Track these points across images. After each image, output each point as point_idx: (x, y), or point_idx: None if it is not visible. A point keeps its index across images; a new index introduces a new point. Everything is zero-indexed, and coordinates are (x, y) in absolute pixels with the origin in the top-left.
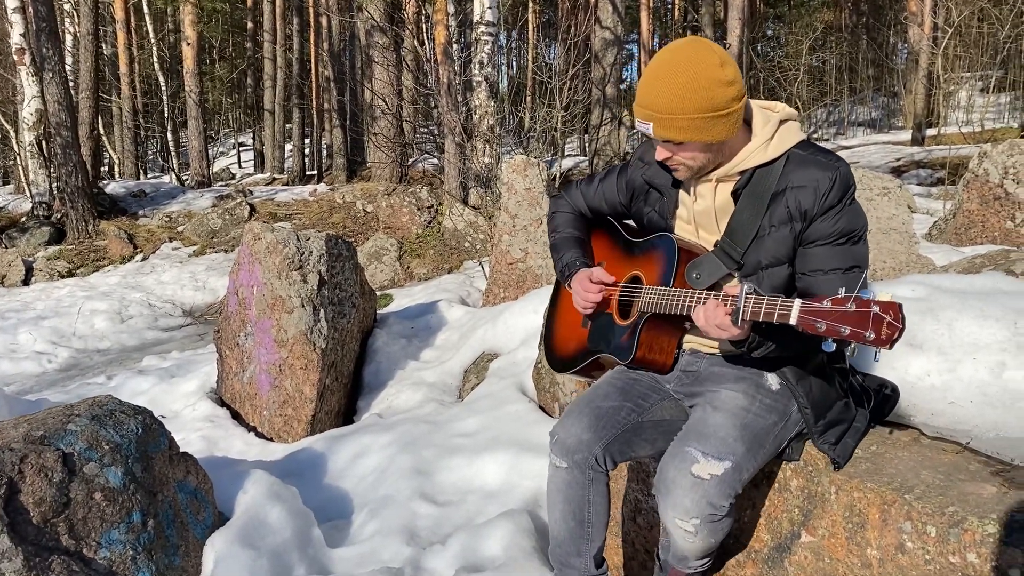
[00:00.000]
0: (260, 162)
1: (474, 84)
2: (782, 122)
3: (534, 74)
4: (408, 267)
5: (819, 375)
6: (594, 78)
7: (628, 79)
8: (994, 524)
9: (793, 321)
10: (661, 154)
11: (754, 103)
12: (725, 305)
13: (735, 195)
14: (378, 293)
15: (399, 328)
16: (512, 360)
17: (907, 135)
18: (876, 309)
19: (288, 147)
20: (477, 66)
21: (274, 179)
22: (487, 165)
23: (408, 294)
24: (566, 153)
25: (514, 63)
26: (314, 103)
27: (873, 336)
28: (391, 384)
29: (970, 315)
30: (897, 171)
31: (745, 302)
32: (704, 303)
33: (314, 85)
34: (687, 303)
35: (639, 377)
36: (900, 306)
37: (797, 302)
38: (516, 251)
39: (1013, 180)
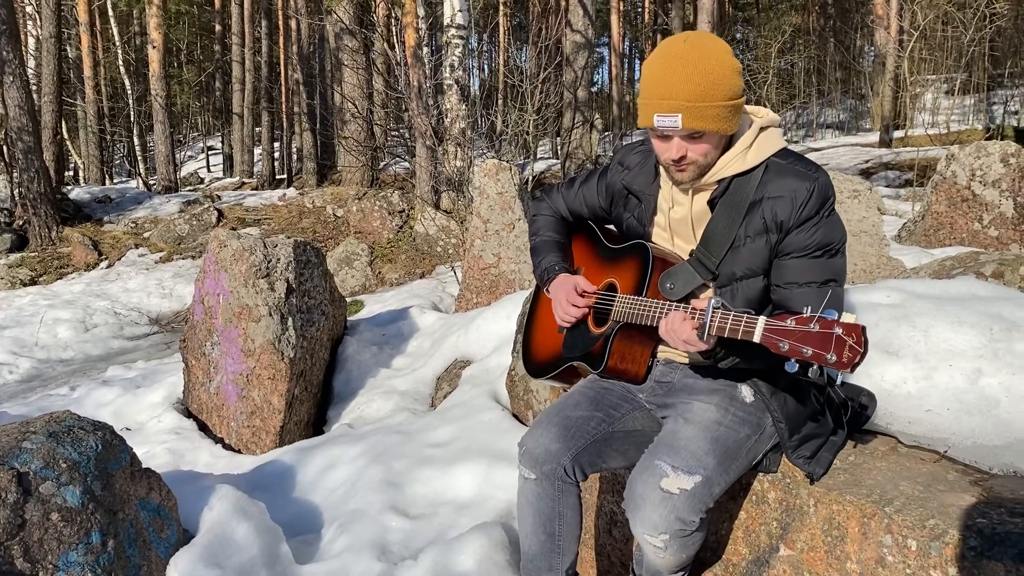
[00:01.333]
0: (229, 166)
1: (445, 87)
2: (762, 129)
3: (505, 77)
4: (380, 272)
5: (794, 388)
6: (565, 81)
7: (599, 82)
8: (975, 538)
9: (757, 339)
10: (676, 151)
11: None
12: (692, 319)
13: (712, 204)
14: (349, 299)
15: (370, 335)
16: (485, 367)
17: (875, 137)
18: (839, 331)
19: (257, 151)
20: (448, 69)
21: (243, 183)
22: (459, 169)
23: (379, 300)
24: (538, 156)
25: (485, 66)
26: (283, 106)
27: (834, 359)
28: (362, 393)
29: (946, 321)
30: (866, 173)
31: (712, 316)
32: (668, 315)
33: (283, 88)
34: (658, 314)
35: (611, 387)
36: (863, 329)
37: (762, 320)
38: (489, 256)
39: (980, 182)
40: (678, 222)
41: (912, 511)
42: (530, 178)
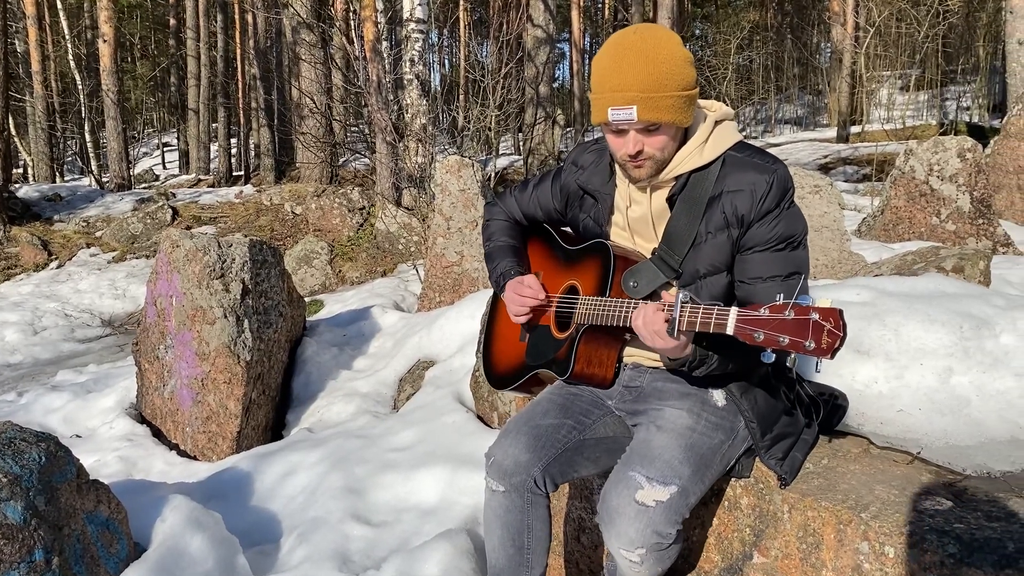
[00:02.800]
0: (185, 163)
1: (405, 82)
2: (717, 123)
3: (466, 72)
4: (340, 271)
5: (764, 386)
6: (527, 77)
7: (560, 78)
8: (954, 544)
9: (730, 330)
10: (633, 146)
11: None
12: (663, 311)
13: (671, 201)
14: (308, 299)
15: (330, 336)
16: (449, 368)
17: (832, 132)
18: (816, 316)
19: (214, 147)
20: (408, 64)
21: (199, 180)
22: (420, 165)
23: (340, 299)
24: (500, 152)
25: (446, 62)
26: (240, 102)
27: (813, 345)
28: (322, 396)
29: (916, 319)
30: (825, 168)
31: (681, 311)
32: (641, 308)
33: (240, 83)
34: (624, 313)
35: (580, 392)
36: (840, 312)
37: (733, 310)
38: (451, 254)
39: (938, 177)
40: (637, 221)
41: (889, 517)
42: (492, 174)
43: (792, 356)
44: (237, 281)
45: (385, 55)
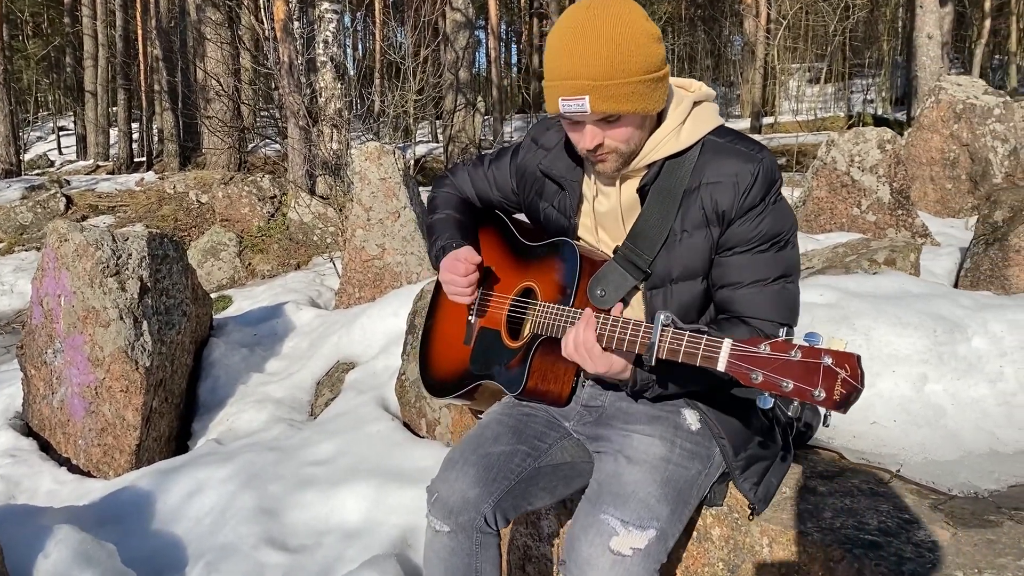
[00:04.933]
0: (83, 148)
1: (319, 65)
2: (696, 104)
3: (382, 55)
4: (250, 264)
5: (738, 403)
6: (447, 62)
7: (477, 65)
8: None
9: (721, 366)
10: (591, 140)
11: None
12: (639, 332)
13: (642, 192)
14: (215, 295)
15: (239, 336)
16: (371, 370)
17: (745, 123)
18: (828, 361)
19: (113, 132)
20: (322, 45)
21: (98, 166)
22: (335, 152)
23: (250, 295)
24: (417, 140)
25: (360, 46)
26: (142, 84)
27: (823, 395)
28: (231, 402)
29: (887, 323)
30: None
31: (660, 335)
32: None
33: (142, 64)
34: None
35: (533, 412)
36: (858, 360)
37: (727, 342)
38: (372, 247)
39: (859, 168)
40: (604, 215)
41: (885, 550)
42: (412, 162)
43: (795, 404)
44: (134, 279)
45: (297, 36)
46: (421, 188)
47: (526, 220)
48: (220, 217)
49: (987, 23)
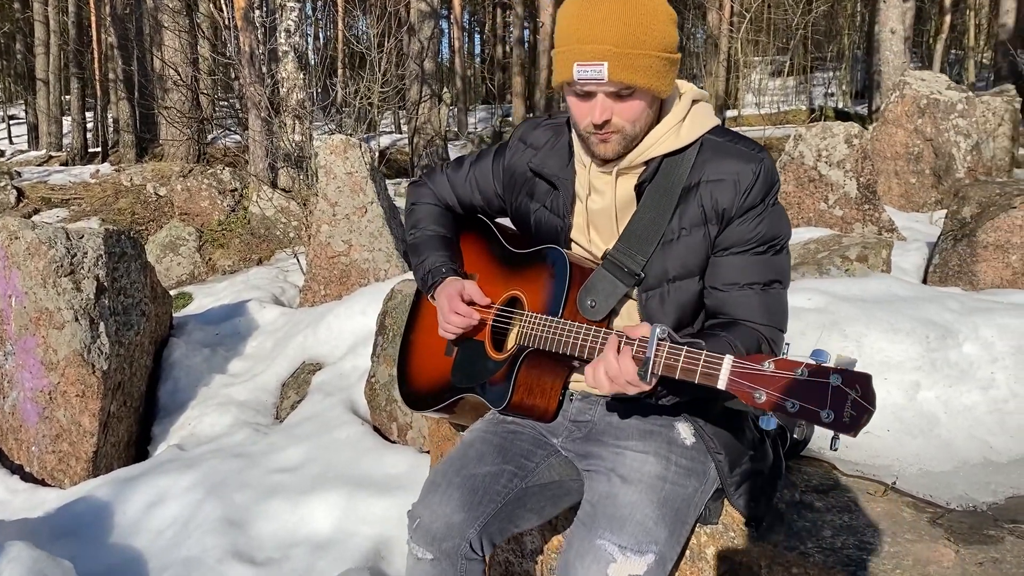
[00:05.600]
0: (35, 138)
1: (280, 54)
2: (694, 102)
3: (346, 45)
4: (210, 259)
5: (730, 413)
6: (412, 51)
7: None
8: None
9: (721, 384)
10: (600, 113)
11: None
12: (632, 349)
13: (639, 190)
14: (174, 292)
15: (201, 335)
16: (339, 371)
17: None
18: (838, 381)
19: (67, 121)
20: (283, 34)
21: (51, 157)
22: (298, 144)
23: (211, 292)
24: (380, 131)
25: (322, 35)
26: (97, 72)
27: (832, 417)
28: (193, 405)
29: (879, 329)
30: None
31: (656, 351)
32: (603, 352)
33: (96, 52)
34: (583, 343)
35: (519, 428)
36: (869, 379)
37: (728, 360)
38: (338, 243)
39: (826, 162)
40: (597, 213)
41: (889, 574)
42: (376, 154)
43: (801, 426)
44: (90, 278)
45: (258, 24)
46: (388, 182)
47: (511, 225)
48: (179, 211)
49: (947, 18)
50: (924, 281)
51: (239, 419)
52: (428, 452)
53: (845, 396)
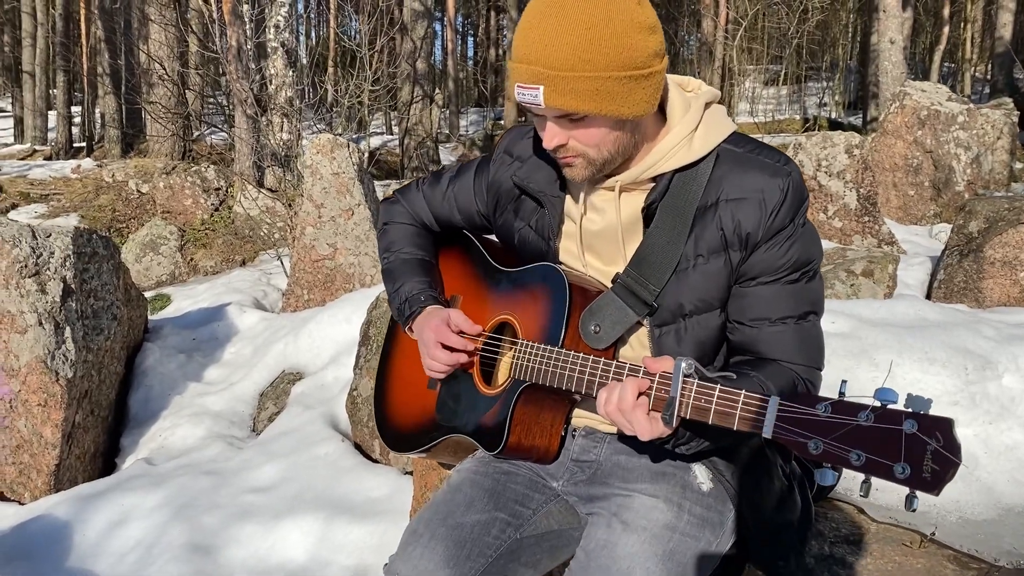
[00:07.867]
0: (20, 131)
1: (269, 51)
2: (707, 105)
3: (337, 43)
4: (192, 259)
5: (757, 457)
6: (404, 51)
7: (434, 57)
8: None
9: (767, 433)
10: (551, 139)
11: (669, 77)
12: (651, 385)
13: (648, 211)
14: (153, 293)
15: (177, 340)
16: (320, 382)
17: None
18: (913, 428)
19: (53, 115)
20: (272, 30)
21: (35, 151)
22: (285, 142)
23: (190, 294)
24: (371, 131)
25: (313, 32)
26: (84, 66)
27: (908, 472)
28: (165, 415)
29: (912, 358)
30: None
31: (682, 389)
32: (611, 386)
33: (84, 46)
34: (590, 379)
35: (514, 469)
36: (951, 424)
37: (774, 402)
38: (323, 246)
39: (826, 172)
40: (596, 236)
41: None
42: (366, 155)
43: (867, 481)
44: (56, 280)
45: (247, 19)
46: (377, 184)
47: (496, 240)
48: (161, 209)
49: (945, 30)
50: (928, 297)
51: (213, 431)
52: (411, 473)
53: (924, 446)
